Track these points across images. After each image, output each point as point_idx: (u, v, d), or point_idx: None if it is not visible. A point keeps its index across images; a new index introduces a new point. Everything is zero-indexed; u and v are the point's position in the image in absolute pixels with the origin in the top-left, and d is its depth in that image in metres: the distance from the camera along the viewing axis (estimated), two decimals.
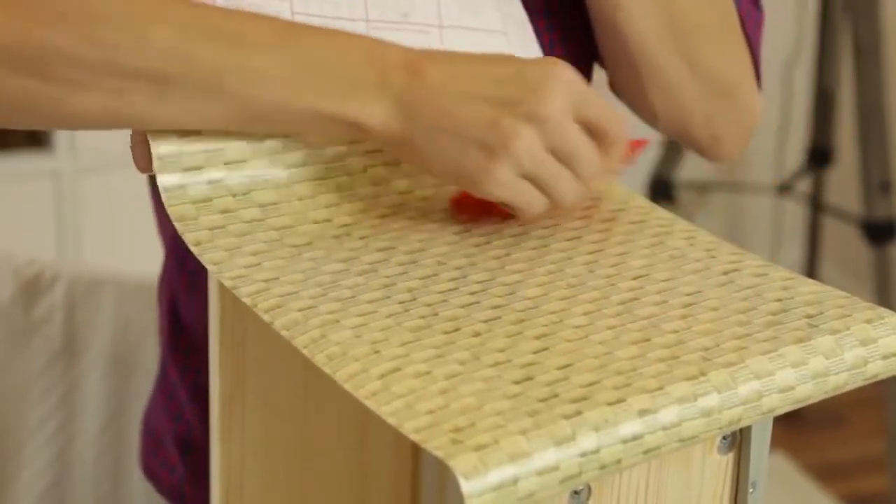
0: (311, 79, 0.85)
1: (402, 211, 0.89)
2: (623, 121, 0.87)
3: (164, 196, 0.85)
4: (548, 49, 1.04)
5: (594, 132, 0.86)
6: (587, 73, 1.10)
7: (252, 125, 0.86)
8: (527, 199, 0.85)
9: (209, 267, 0.83)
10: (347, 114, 0.85)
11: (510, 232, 0.87)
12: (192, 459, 1.20)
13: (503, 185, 0.84)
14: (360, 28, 0.96)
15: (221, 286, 0.88)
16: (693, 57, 1.04)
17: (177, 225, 0.85)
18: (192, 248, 0.84)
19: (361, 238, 0.86)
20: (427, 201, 0.90)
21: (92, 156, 2.53)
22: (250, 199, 0.87)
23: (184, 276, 1.17)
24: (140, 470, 1.26)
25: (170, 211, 0.86)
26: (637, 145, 0.91)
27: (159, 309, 1.23)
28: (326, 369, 0.74)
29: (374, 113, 0.85)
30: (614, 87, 1.08)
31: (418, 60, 0.85)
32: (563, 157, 0.85)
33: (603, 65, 1.09)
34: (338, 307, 0.78)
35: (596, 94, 0.86)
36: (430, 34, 0.97)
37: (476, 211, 0.90)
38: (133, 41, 0.84)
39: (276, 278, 0.81)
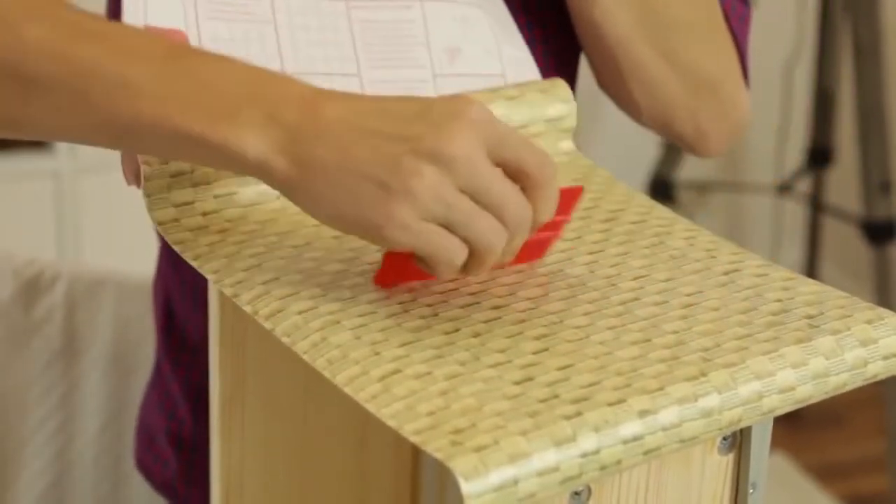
0: (188, 98, 0.78)
1: None
2: (549, 162, 0.78)
3: (156, 225, 0.86)
4: (528, 45, 1.05)
5: (516, 175, 0.77)
6: (572, 70, 1.10)
7: (120, 141, 0.82)
8: (439, 245, 0.76)
9: (209, 276, 0.83)
10: (217, 138, 0.77)
11: None
12: (184, 456, 1.20)
13: (405, 229, 0.75)
14: (339, 8, 0.96)
15: None
16: (673, 53, 1.04)
17: (175, 247, 0.85)
18: (192, 263, 0.84)
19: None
20: None
21: (92, 156, 2.53)
22: (247, 219, 0.87)
23: (177, 276, 1.17)
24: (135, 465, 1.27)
25: (164, 234, 0.86)
26: (571, 194, 0.82)
27: (154, 307, 1.23)
28: (326, 374, 0.74)
29: (251, 143, 0.77)
30: (599, 83, 1.09)
31: (315, 96, 0.78)
32: (481, 200, 0.76)
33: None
34: (338, 308, 0.78)
35: (517, 135, 0.78)
36: (411, 8, 0.97)
37: (399, 275, 0.81)
38: (7, 36, 0.80)
39: (277, 279, 0.81)
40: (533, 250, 0.82)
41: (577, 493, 0.76)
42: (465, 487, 0.66)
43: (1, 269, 1.48)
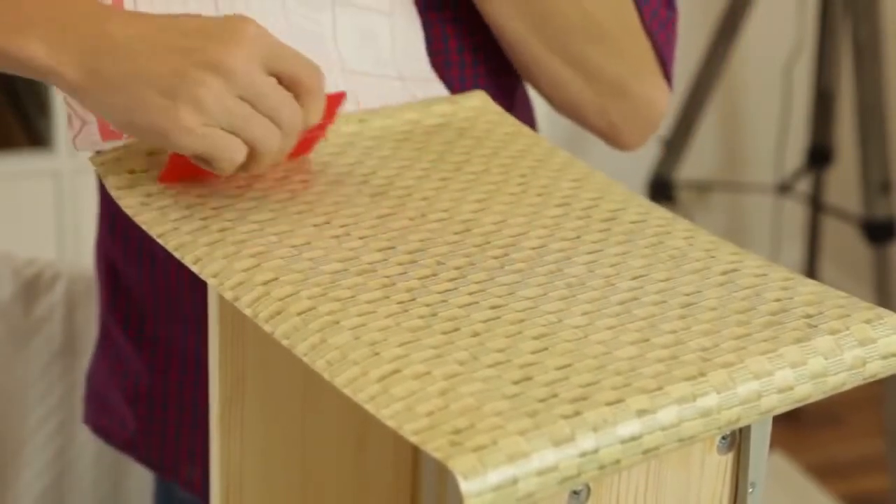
0: None
1: (402, 211, 0.89)
2: (317, 72, 0.88)
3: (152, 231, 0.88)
4: (442, 40, 1.06)
5: (290, 84, 0.87)
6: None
7: None
8: (221, 146, 0.85)
9: (209, 280, 0.83)
10: (12, 49, 0.86)
11: (510, 232, 0.87)
12: (141, 411, 1.21)
13: (192, 133, 0.84)
14: None
15: None
16: (575, 56, 1.07)
17: (176, 253, 0.85)
18: (192, 268, 0.84)
19: (361, 238, 0.86)
20: (427, 201, 0.90)
21: None
22: (245, 218, 0.88)
23: (118, 242, 1.19)
24: (90, 430, 1.28)
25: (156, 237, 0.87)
26: (335, 99, 0.92)
27: (97, 272, 1.24)
28: (326, 375, 0.74)
29: (42, 52, 0.85)
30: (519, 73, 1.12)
31: (104, 11, 0.87)
32: (258, 106, 0.85)
33: None
34: (337, 307, 0.78)
35: (290, 49, 0.87)
36: None
37: (183, 174, 0.90)
38: None
39: (276, 279, 0.81)
40: (302, 147, 0.92)
41: (576, 493, 0.76)
42: (465, 487, 0.66)
43: (1, 269, 1.48)
